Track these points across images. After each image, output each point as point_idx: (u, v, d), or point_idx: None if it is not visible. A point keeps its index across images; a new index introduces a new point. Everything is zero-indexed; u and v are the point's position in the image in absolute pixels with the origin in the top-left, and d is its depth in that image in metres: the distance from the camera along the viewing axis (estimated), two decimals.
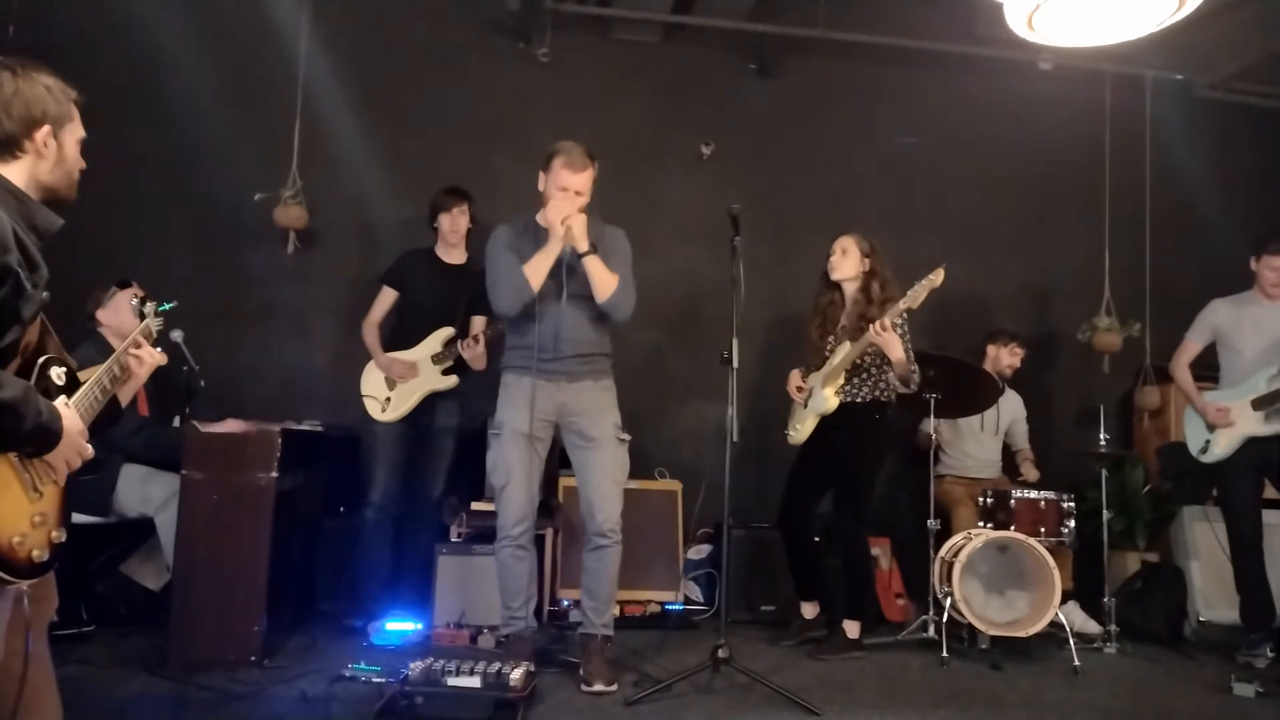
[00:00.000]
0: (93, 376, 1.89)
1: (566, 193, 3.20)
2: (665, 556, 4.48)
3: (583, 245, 3.17)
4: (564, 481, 4.34)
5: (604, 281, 3.21)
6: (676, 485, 4.61)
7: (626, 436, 3.39)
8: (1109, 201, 5.45)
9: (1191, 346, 4.28)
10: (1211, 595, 4.61)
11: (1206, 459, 4.12)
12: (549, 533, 4.21)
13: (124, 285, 3.66)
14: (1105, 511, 4.24)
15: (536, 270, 3.20)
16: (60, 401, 1.75)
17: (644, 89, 5.21)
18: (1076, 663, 3.65)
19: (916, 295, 3.62)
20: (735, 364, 3.23)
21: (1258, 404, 3.97)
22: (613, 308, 3.26)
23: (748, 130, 5.26)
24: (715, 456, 3.39)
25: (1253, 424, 3.99)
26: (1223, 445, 4.06)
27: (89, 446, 1.79)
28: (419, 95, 4.99)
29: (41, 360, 1.78)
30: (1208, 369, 4.32)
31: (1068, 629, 3.77)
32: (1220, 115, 5.63)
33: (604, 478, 3.29)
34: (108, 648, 3.34)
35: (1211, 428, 4.10)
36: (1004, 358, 4.78)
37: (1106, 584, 4.21)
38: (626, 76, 5.20)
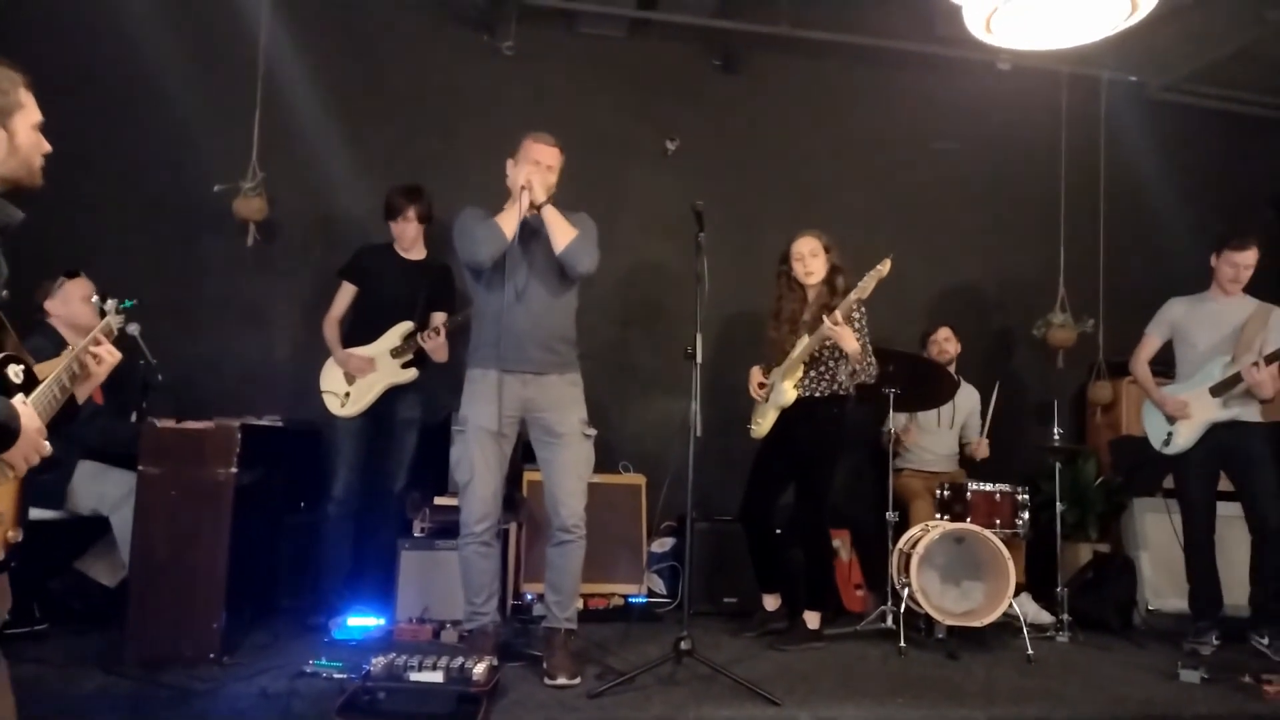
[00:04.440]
0: (51, 375, 1.86)
1: (538, 166, 3.28)
2: (629, 549, 4.50)
3: (540, 198, 3.23)
4: (528, 476, 4.33)
5: (563, 232, 3.24)
6: (640, 479, 4.63)
7: (592, 431, 3.39)
8: (1064, 199, 5.57)
9: (1151, 341, 4.37)
10: (1160, 585, 4.73)
11: (1170, 450, 4.19)
12: (512, 527, 4.21)
13: (71, 275, 3.62)
14: (1059, 504, 4.35)
15: (506, 222, 3.24)
16: (19, 400, 1.72)
17: (609, 83, 5.21)
18: (1030, 651, 3.73)
19: (865, 286, 3.67)
20: (699, 359, 3.25)
21: (1215, 390, 4.07)
22: (572, 256, 3.25)
23: (712, 126, 5.28)
24: (679, 450, 3.40)
25: (1213, 410, 4.08)
26: (1185, 435, 4.14)
27: (47, 444, 1.76)
28: (382, 86, 4.95)
29: (0, 358, 1.75)
30: (1159, 364, 4.42)
31: (1022, 619, 3.86)
32: (1173, 116, 5.76)
33: (569, 474, 3.29)
34: (63, 646, 3.28)
35: (1172, 419, 4.18)
36: (936, 348, 4.85)
37: (1059, 574, 4.32)
38: (592, 71, 5.19)
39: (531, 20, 5.01)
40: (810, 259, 3.91)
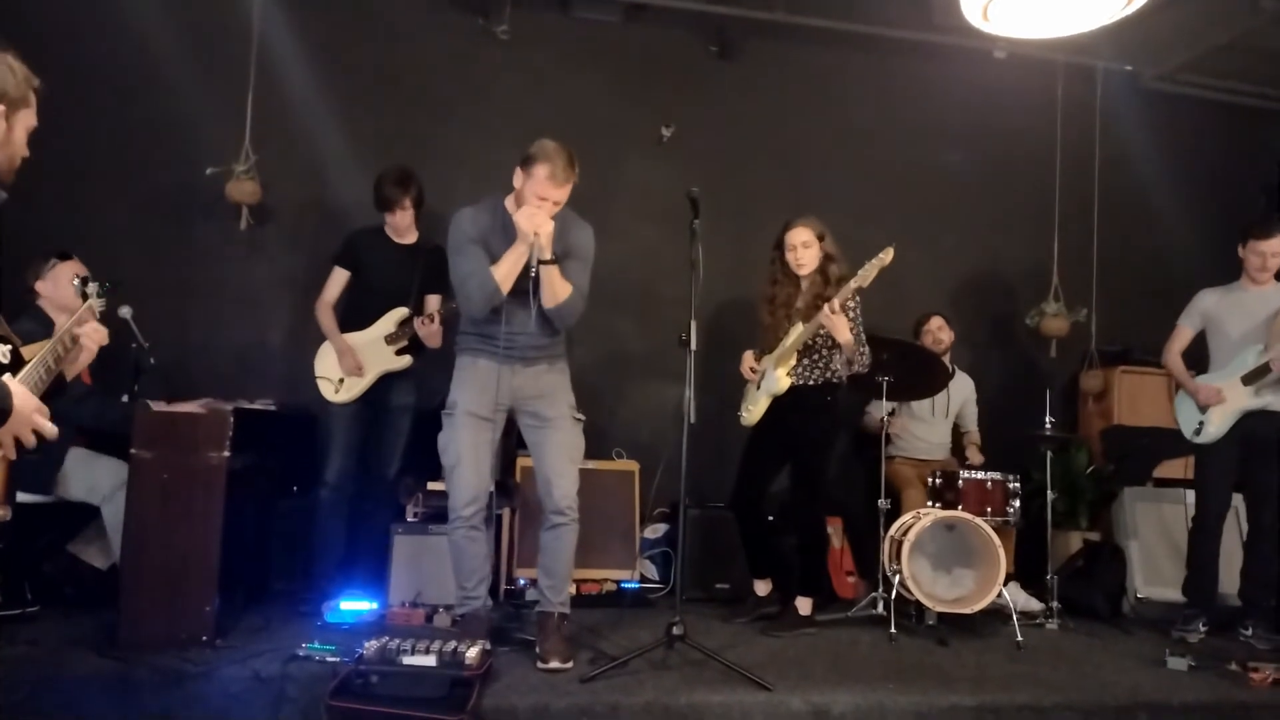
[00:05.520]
0: (38, 355, 1.86)
1: (545, 203, 3.14)
2: (622, 535, 4.51)
3: (546, 254, 3.12)
4: (522, 462, 4.33)
5: (556, 291, 3.18)
6: (634, 465, 4.64)
7: (581, 416, 3.41)
8: (1059, 189, 5.57)
9: (1184, 332, 4.34)
10: (1150, 573, 4.77)
11: (1201, 440, 4.16)
12: (506, 512, 4.22)
13: (64, 257, 3.59)
14: (1050, 492, 4.37)
15: (506, 276, 3.16)
16: (7, 379, 1.72)
17: (604, 69, 5.19)
18: (1019, 638, 3.76)
19: (867, 274, 3.66)
20: (693, 346, 3.25)
21: (1248, 379, 4.06)
22: (556, 316, 3.24)
23: (708, 112, 5.26)
24: (673, 437, 3.41)
25: (1244, 398, 4.07)
26: (1217, 423, 4.12)
27: (50, 425, 1.76)
28: (376, 69, 4.92)
29: None
30: (1190, 360, 4.38)
31: (1011, 606, 3.88)
32: (1167, 106, 5.77)
33: (560, 456, 3.30)
34: (55, 629, 3.27)
35: (1204, 408, 4.16)
36: (930, 337, 4.85)
37: (1050, 562, 4.34)
38: (586, 56, 5.17)
39: (526, 4, 4.98)
40: (802, 250, 3.90)
